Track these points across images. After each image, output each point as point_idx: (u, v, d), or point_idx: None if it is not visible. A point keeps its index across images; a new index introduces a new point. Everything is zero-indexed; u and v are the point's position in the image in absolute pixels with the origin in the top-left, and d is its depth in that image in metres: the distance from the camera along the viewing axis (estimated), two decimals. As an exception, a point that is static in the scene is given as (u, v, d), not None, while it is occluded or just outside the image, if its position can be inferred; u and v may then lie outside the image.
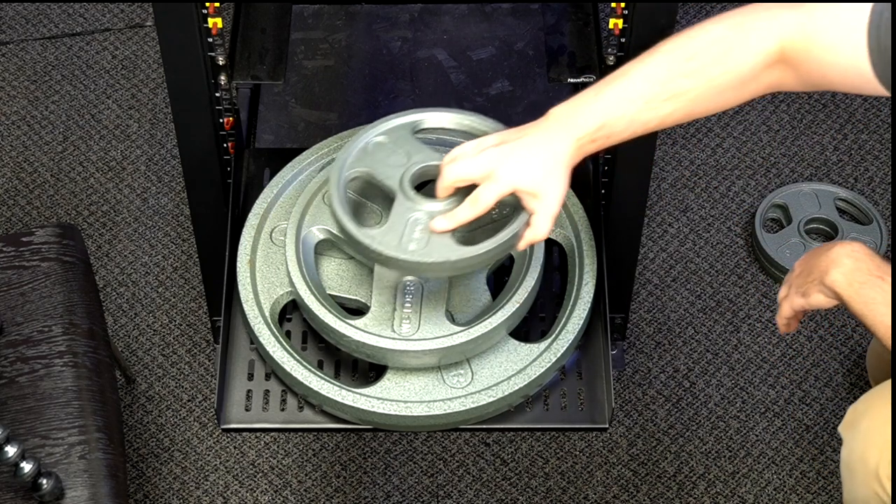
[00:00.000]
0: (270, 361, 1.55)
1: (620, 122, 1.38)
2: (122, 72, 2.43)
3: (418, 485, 1.97)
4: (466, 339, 1.50)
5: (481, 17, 2.03)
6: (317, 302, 1.53)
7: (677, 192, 2.27)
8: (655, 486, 1.97)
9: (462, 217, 1.43)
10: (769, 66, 1.36)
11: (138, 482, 1.97)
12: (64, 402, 1.58)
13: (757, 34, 1.35)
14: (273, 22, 1.82)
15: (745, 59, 1.35)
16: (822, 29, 1.32)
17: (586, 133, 1.39)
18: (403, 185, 1.50)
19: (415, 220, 1.48)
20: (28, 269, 1.69)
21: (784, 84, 1.38)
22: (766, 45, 1.35)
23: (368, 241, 1.45)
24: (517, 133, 1.43)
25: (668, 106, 1.38)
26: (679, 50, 1.37)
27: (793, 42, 1.33)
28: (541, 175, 1.40)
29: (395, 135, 1.56)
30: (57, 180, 2.29)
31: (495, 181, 1.40)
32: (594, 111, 1.39)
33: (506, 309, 1.52)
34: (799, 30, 1.33)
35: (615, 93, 1.39)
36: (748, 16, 1.37)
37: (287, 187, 1.68)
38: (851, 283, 1.42)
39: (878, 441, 1.45)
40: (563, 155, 1.40)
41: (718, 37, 1.36)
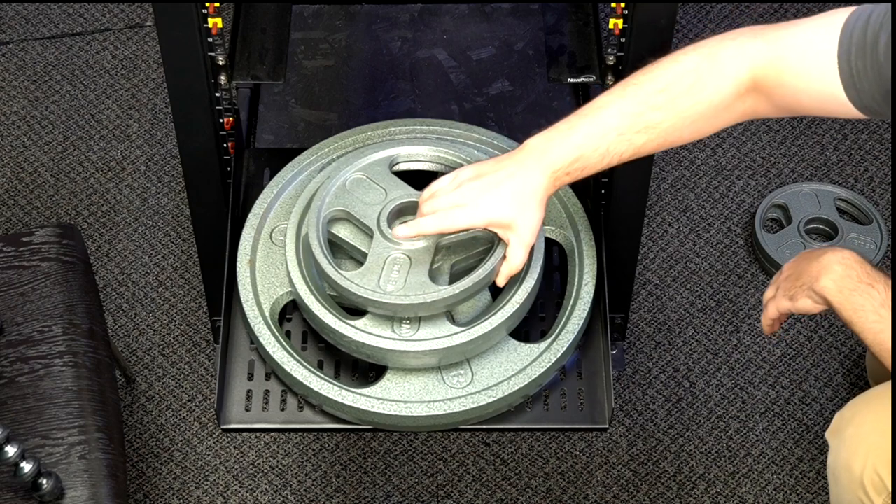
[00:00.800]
0: (270, 362, 1.55)
1: (595, 154, 1.41)
2: (122, 72, 2.43)
3: (418, 485, 1.97)
4: (466, 340, 1.50)
5: (481, 17, 2.03)
6: (317, 302, 1.53)
7: (677, 192, 2.27)
8: (655, 486, 1.97)
9: (426, 227, 1.46)
10: (741, 96, 1.37)
11: (138, 482, 1.97)
12: (64, 402, 1.58)
13: (727, 64, 1.36)
14: (273, 22, 1.82)
15: (716, 89, 1.37)
16: (792, 56, 1.33)
17: (561, 166, 1.41)
18: (381, 223, 1.54)
19: (393, 260, 1.52)
20: (28, 269, 1.69)
21: (759, 111, 1.39)
22: (737, 75, 1.36)
23: (347, 283, 1.49)
24: (493, 166, 1.46)
25: (640, 137, 1.40)
26: (650, 82, 1.39)
27: (764, 70, 1.35)
28: (515, 208, 1.43)
29: (372, 171, 1.59)
30: (57, 180, 2.29)
31: (470, 211, 1.43)
32: (569, 145, 1.41)
33: (506, 309, 1.52)
34: (769, 58, 1.34)
35: (589, 126, 1.40)
36: (717, 46, 1.38)
37: (287, 187, 1.68)
38: (841, 289, 1.42)
39: (863, 448, 1.46)
40: (538, 188, 1.42)
41: (689, 68, 1.38)
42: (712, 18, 2.49)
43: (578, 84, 1.85)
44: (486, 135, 1.72)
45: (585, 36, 1.84)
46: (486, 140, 1.72)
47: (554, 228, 1.65)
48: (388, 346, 1.50)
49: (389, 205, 1.55)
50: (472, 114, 1.93)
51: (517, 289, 1.54)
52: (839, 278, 1.43)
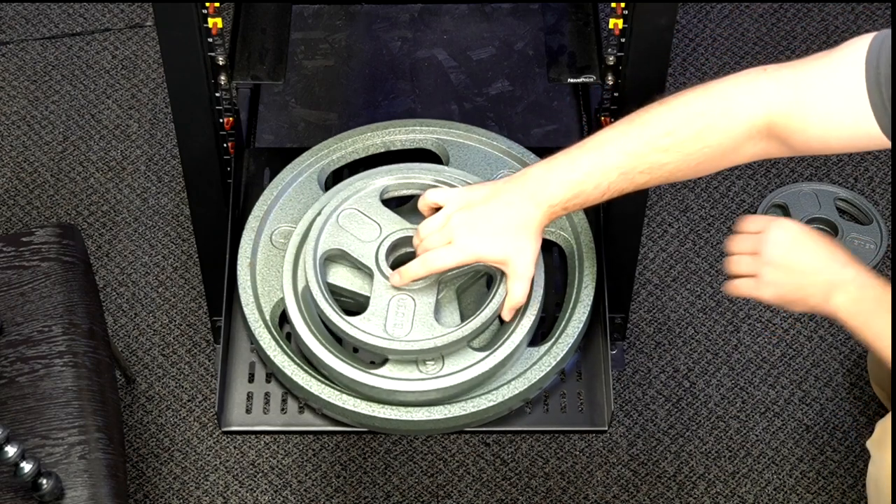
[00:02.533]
0: (271, 365, 1.55)
1: (594, 191, 1.38)
2: (122, 72, 2.43)
3: (418, 485, 1.97)
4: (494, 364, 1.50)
5: (481, 17, 2.03)
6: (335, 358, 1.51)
7: (677, 192, 2.27)
8: (655, 486, 1.97)
9: (415, 272, 1.44)
10: (753, 139, 1.33)
11: (138, 482, 1.97)
12: (64, 402, 1.58)
13: (740, 109, 1.32)
14: (273, 22, 1.82)
15: (727, 134, 1.32)
16: (817, 99, 1.28)
17: (559, 201, 1.39)
18: (380, 263, 1.53)
19: (398, 302, 1.51)
20: (28, 269, 1.69)
21: (771, 153, 1.35)
22: (751, 120, 1.32)
23: (353, 331, 1.48)
24: (485, 195, 1.42)
25: (643, 177, 1.37)
26: (657, 123, 1.35)
27: (784, 116, 1.30)
28: (507, 244, 1.40)
29: (364, 204, 1.58)
30: (57, 180, 2.29)
31: (458, 251, 1.41)
32: (569, 180, 1.38)
33: (524, 322, 1.52)
34: (789, 103, 1.29)
35: (591, 163, 1.37)
36: (730, 89, 1.33)
37: (287, 189, 1.68)
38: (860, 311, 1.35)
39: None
40: (532, 220, 1.40)
41: (698, 111, 1.33)
42: (712, 18, 2.49)
43: (578, 84, 1.85)
44: (485, 135, 1.72)
45: (585, 36, 1.84)
46: (485, 140, 1.72)
47: (554, 229, 1.64)
48: (417, 387, 1.49)
49: (386, 241, 1.55)
50: (472, 114, 1.93)
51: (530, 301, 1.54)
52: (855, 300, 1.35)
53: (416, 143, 1.73)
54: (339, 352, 1.51)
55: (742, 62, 2.42)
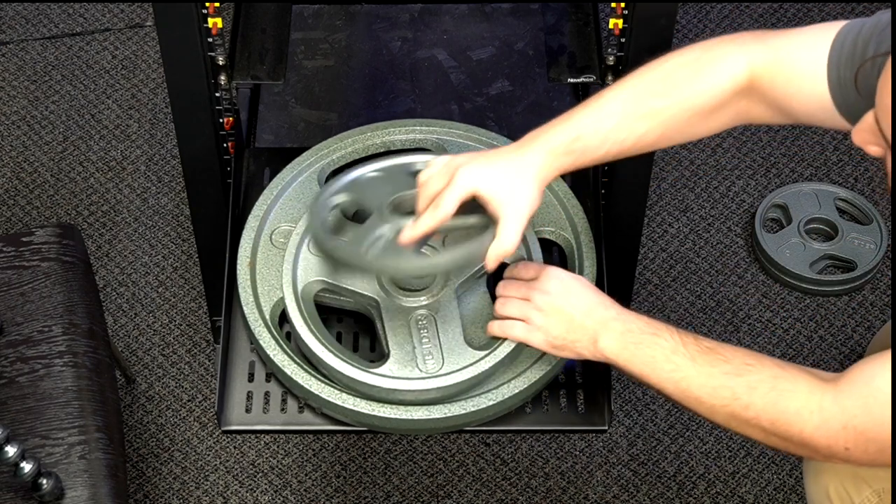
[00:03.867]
0: (271, 364, 1.55)
1: (595, 137, 1.38)
2: (122, 72, 2.43)
3: (418, 485, 1.97)
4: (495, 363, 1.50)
5: (481, 17, 2.03)
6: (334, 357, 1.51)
7: (677, 192, 2.28)
8: (655, 486, 1.97)
9: (424, 224, 1.42)
10: (738, 94, 1.36)
11: (138, 482, 1.97)
12: (64, 402, 1.58)
13: (726, 60, 1.36)
14: (273, 22, 1.82)
15: (715, 82, 1.36)
16: (786, 60, 1.33)
17: (560, 144, 1.38)
18: (381, 206, 1.52)
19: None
20: (28, 269, 1.69)
21: (752, 114, 1.38)
22: (735, 72, 1.35)
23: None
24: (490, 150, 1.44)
25: (642, 125, 1.38)
26: (652, 72, 1.39)
27: (760, 71, 1.34)
28: (505, 180, 1.38)
29: (391, 171, 1.58)
30: (57, 180, 2.29)
31: (455, 184, 1.39)
32: (568, 125, 1.39)
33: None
34: (766, 60, 1.34)
35: (590, 110, 1.39)
36: (718, 44, 1.38)
37: (287, 188, 1.68)
38: (625, 346, 1.37)
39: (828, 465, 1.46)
40: (533, 165, 1.39)
41: (689, 60, 1.37)
42: (712, 18, 2.49)
43: (578, 84, 1.85)
44: (485, 135, 1.72)
45: (585, 36, 1.84)
46: (485, 140, 1.72)
47: (554, 229, 1.65)
48: (417, 387, 1.49)
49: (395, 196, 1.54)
50: (472, 114, 1.93)
51: None
52: (620, 335, 1.37)
53: (416, 143, 1.73)
54: (339, 351, 1.51)
55: (742, 62, 2.43)
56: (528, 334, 1.43)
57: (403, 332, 1.52)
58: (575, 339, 1.40)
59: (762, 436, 1.28)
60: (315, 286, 1.57)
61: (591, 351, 1.39)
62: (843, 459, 1.23)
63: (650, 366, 1.34)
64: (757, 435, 1.28)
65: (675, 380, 1.32)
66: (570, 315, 1.41)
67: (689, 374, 1.31)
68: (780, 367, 1.27)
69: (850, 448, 1.20)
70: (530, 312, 1.43)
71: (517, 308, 1.44)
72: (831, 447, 1.22)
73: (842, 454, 1.22)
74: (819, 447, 1.23)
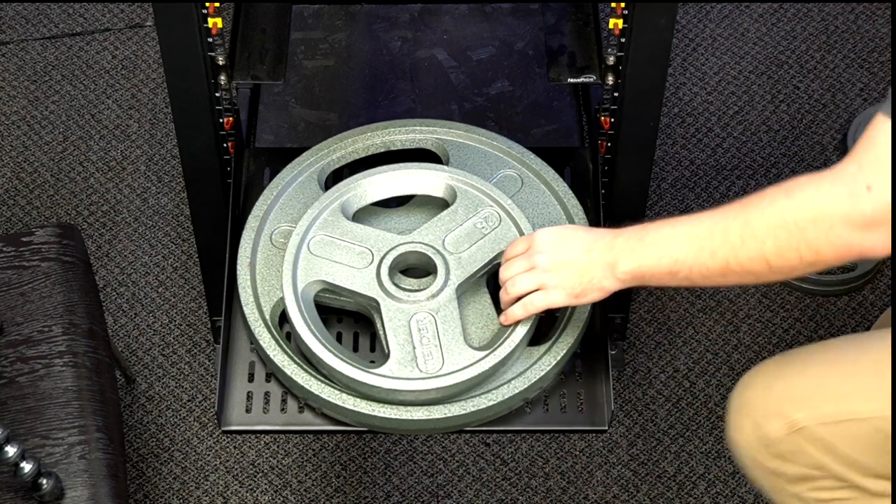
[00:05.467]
0: (271, 365, 1.55)
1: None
2: (122, 72, 2.43)
3: (418, 485, 1.97)
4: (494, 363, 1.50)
5: (481, 17, 2.03)
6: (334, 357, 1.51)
7: (677, 192, 2.27)
8: (655, 486, 1.97)
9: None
10: None
11: (138, 482, 1.97)
12: (64, 402, 1.58)
13: None
14: (273, 22, 1.82)
15: None
16: None
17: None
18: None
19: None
20: (28, 269, 1.69)
21: None
22: None
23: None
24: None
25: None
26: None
27: None
28: None
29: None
30: (57, 180, 2.29)
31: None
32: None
33: (523, 324, 1.52)
34: None
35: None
36: None
37: (287, 188, 1.68)
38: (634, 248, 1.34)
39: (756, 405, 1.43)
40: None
41: None
42: (712, 18, 2.49)
43: (578, 84, 1.85)
44: (485, 135, 1.72)
45: (585, 36, 1.84)
46: (485, 140, 1.72)
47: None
48: (417, 387, 1.49)
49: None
50: (472, 114, 1.93)
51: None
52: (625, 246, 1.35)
53: (416, 143, 1.73)
54: (339, 351, 1.51)
55: (742, 62, 2.42)
56: (548, 297, 1.43)
57: (403, 333, 1.52)
58: (591, 278, 1.39)
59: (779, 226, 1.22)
60: (315, 286, 1.57)
61: (612, 278, 1.38)
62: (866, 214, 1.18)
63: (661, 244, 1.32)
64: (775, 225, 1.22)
65: (687, 234, 1.29)
66: (574, 260, 1.40)
67: (698, 221, 1.29)
68: None
69: (873, 185, 1.18)
70: (540, 277, 1.42)
71: (526, 280, 1.44)
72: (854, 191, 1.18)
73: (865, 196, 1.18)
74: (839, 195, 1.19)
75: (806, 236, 1.22)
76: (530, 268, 1.44)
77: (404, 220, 1.65)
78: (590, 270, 1.39)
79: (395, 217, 1.66)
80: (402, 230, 1.63)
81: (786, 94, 2.39)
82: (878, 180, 1.18)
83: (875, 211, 1.18)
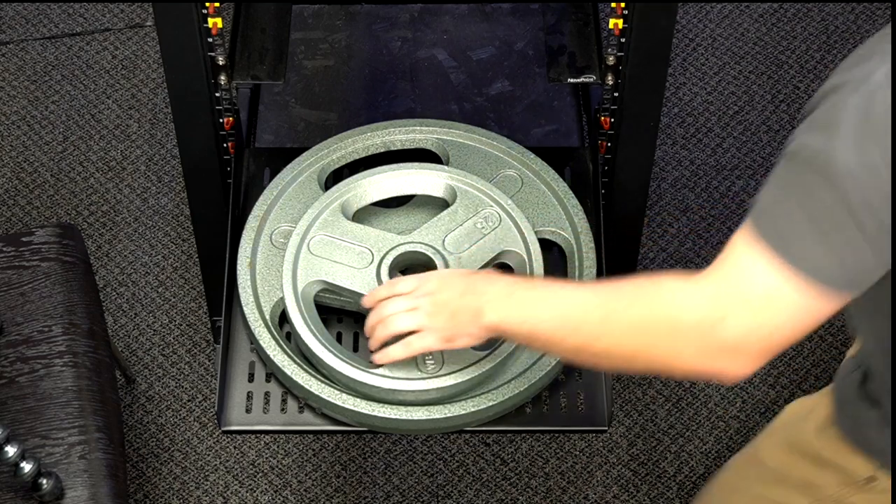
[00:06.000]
0: (271, 365, 1.55)
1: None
2: (122, 72, 2.43)
3: (418, 485, 1.97)
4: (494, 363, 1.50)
5: (481, 17, 2.03)
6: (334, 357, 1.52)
7: (677, 192, 2.27)
8: (655, 486, 1.97)
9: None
10: None
11: (138, 482, 1.97)
12: (64, 402, 1.58)
13: None
14: (273, 22, 1.82)
15: None
16: None
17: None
18: None
19: None
20: (28, 269, 1.69)
21: None
22: None
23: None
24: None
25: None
26: None
27: None
28: None
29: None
30: (57, 180, 2.29)
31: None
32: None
33: None
34: None
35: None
36: None
37: (287, 188, 1.68)
38: (501, 301, 1.29)
39: None
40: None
41: None
42: (712, 18, 2.49)
43: (578, 84, 1.85)
44: (485, 135, 1.72)
45: (585, 36, 1.84)
46: (485, 140, 1.72)
47: (554, 229, 1.65)
48: (417, 387, 1.49)
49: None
50: (472, 114, 1.93)
51: None
52: (496, 296, 1.30)
53: (416, 143, 1.73)
54: (339, 351, 1.51)
55: (742, 62, 2.42)
56: (423, 341, 1.38)
57: None
58: (459, 323, 1.34)
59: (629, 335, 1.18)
60: (315, 286, 1.57)
61: (477, 327, 1.32)
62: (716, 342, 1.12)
63: (525, 306, 1.26)
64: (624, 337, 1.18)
65: (549, 307, 1.24)
66: (449, 303, 1.35)
67: (561, 296, 1.24)
68: None
69: (726, 317, 1.10)
70: (420, 318, 1.38)
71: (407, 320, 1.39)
72: (705, 319, 1.12)
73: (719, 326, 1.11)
74: (690, 321, 1.13)
75: (658, 350, 1.16)
76: (413, 308, 1.39)
77: (404, 220, 1.65)
78: (459, 315, 1.34)
79: (395, 217, 1.66)
80: (402, 230, 1.62)
81: (786, 94, 2.39)
82: (735, 310, 1.10)
83: (726, 341, 1.11)
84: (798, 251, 1.05)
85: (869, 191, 0.99)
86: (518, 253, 1.58)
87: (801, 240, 1.05)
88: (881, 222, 1.00)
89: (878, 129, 0.98)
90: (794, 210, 1.05)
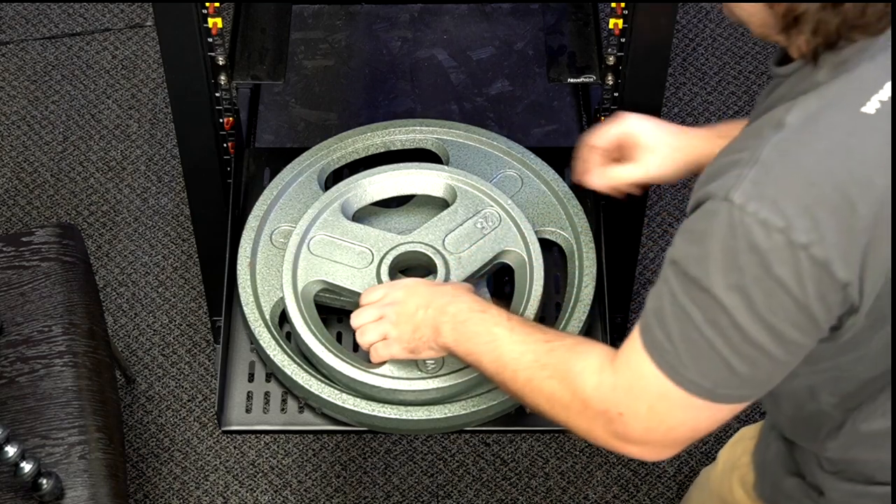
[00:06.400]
0: (271, 365, 1.55)
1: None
2: (122, 72, 2.43)
3: (418, 485, 1.97)
4: None
5: (481, 17, 2.03)
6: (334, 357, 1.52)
7: (677, 192, 2.27)
8: (655, 486, 1.97)
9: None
10: None
11: (138, 482, 1.97)
12: (64, 402, 1.58)
13: None
14: (273, 22, 1.82)
15: None
16: None
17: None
18: None
19: None
20: (28, 269, 1.69)
21: None
22: None
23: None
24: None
25: None
26: None
27: None
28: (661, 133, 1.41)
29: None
30: (57, 180, 2.29)
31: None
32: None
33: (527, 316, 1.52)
34: None
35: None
36: None
37: (287, 188, 1.68)
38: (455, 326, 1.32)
39: None
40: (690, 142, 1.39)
41: None
42: (712, 18, 2.49)
43: (578, 84, 1.85)
44: (485, 135, 1.72)
45: (585, 36, 1.84)
46: (485, 140, 1.72)
47: (554, 229, 1.65)
48: (417, 387, 1.49)
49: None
50: (472, 114, 1.93)
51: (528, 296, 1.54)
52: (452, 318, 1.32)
53: (416, 143, 1.73)
54: (339, 351, 1.51)
55: (742, 62, 2.42)
56: (388, 349, 1.40)
57: None
58: (422, 336, 1.37)
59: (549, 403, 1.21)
60: (315, 286, 1.57)
61: (437, 343, 1.35)
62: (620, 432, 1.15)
63: (473, 341, 1.29)
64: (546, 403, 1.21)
65: (491, 349, 1.27)
66: (412, 315, 1.37)
67: (503, 341, 1.26)
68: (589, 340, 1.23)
69: (624, 413, 1.14)
70: (385, 328, 1.40)
71: (373, 330, 1.41)
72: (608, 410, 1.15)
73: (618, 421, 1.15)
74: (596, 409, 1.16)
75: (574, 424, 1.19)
76: (379, 317, 1.41)
77: (404, 220, 1.65)
78: (421, 328, 1.37)
79: (395, 217, 1.66)
80: (402, 230, 1.62)
81: (786, 94, 2.39)
82: (632, 408, 1.12)
83: (628, 434, 1.14)
84: (675, 367, 1.08)
85: (739, 313, 1.02)
86: (518, 253, 1.58)
87: (677, 358, 1.07)
88: (752, 341, 1.03)
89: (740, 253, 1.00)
90: (671, 325, 1.07)
